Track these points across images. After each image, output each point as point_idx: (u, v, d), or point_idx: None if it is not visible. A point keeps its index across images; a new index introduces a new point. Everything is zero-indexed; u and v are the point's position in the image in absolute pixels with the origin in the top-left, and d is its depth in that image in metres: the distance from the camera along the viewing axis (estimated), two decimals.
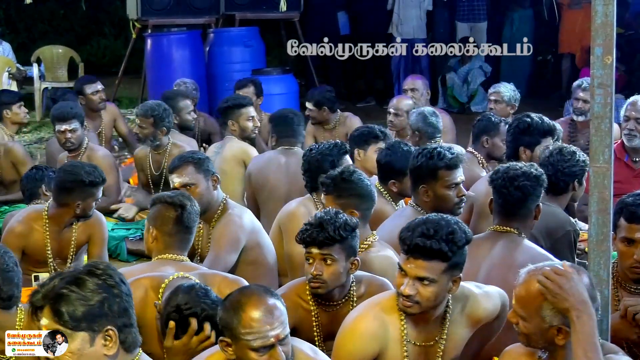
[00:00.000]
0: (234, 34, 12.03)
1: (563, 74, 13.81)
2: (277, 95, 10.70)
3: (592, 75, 3.56)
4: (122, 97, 14.01)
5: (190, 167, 5.46)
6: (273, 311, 3.34)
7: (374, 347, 3.84)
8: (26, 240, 5.77)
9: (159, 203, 4.65)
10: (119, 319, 3.05)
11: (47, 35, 17.41)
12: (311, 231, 4.16)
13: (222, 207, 5.45)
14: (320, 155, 5.72)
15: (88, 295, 3.01)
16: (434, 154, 5.10)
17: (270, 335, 3.31)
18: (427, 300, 3.75)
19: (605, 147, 3.55)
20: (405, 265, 3.76)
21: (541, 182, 4.77)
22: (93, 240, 5.91)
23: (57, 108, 7.71)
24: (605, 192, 3.56)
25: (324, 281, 4.17)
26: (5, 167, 8.02)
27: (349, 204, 4.85)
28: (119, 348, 3.06)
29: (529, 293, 3.32)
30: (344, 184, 4.92)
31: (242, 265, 5.23)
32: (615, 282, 4.37)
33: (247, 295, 3.40)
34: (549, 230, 5.12)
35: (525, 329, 3.36)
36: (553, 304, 3.26)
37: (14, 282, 3.96)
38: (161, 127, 7.50)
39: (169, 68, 11.42)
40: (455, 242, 3.74)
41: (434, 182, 5.11)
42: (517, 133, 6.14)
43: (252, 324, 3.31)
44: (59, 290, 3.01)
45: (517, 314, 3.36)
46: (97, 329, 3.02)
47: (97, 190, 5.75)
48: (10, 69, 13.20)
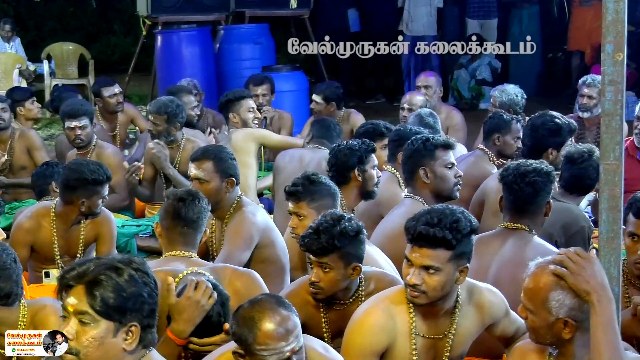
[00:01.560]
0: (244, 31, 12.03)
1: (573, 71, 13.79)
2: (288, 92, 10.68)
3: (603, 73, 3.54)
4: (132, 94, 14.03)
5: (209, 164, 5.40)
6: (287, 325, 3.31)
7: (382, 341, 3.84)
8: (34, 236, 5.78)
9: (169, 199, 4.67)
10: (146, 318, 3.04)
11: (57, 33, 17.44)
12: (308, 239, 4.15)
13: (236, 204, 5.38)
14: (349, 151, 5.62)
15: (125, 286, 2.99)
16: (428, 137, 5.29)
17: (286, 350, 3.29)
18: (434, 290, 3.75)
19: (616, 144, 3.54)
20: (411, 255, 3.77)
21: (552, 179, 4.79)
22: (101, 238, 5.91)
23: (68, 104, 7.71)
24: (616, 189, 3.55)
25: (321, 288, 4.17)
26: (17, 151, 8.05)
27: (324, 205, 4.84)
28: (137, 345, 3.04)
29: (536, 285, 3.31)
30: (314, 187, 4.91)
31: (255, 263, 5.18)
32: (626, 279, 4.37)
33: (261, 310, 3.33)
34: (564, 226, 5.14)
35: (533, 323, 3.35)
36: (573, 286, 3.23)
37: (12, 278, 3.92)
38: (175, 123, 7.48)
39: (179, 65, 11.41)
40: (460, 230, 3.74)
41: (432, 162, 5.20)
42: (548, 135, 6.08)
43: (268, 341, 3.27)
44: (97, 273, 2.98)
45: (525, 307, 3.36)
46: (123, 322, 2.99)
47: (101, 188, 5.74)
48: (20, 65, 13.24)
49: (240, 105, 7.61)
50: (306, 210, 4.88)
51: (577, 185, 5.50)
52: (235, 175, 5.41)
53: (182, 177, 7.01)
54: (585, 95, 8.05)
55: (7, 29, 13.93)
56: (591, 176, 5.43)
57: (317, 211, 4.76)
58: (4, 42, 13.88)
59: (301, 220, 4.90)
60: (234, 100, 7.68)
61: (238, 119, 7.58)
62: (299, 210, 4.91)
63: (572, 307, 3.27)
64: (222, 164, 5.41)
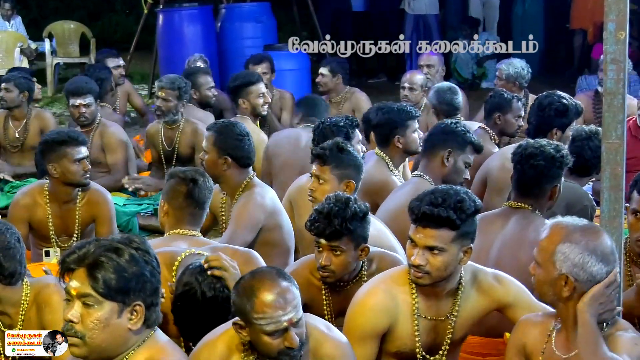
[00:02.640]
0: (246, 10, 12.02)
1: (575, 50, 13.76)
2: (289, 71, 10.68)
3: (605, 51, 3.54)
4: (133, 72, 14.01)
5: (212, 136, 5.42)
6: (286, 295, 3.33)
7: (384, 322, 3.84)
8: (30, 213, 5.77)
9: (172, 178, 4.66)
10: (149, 297, 3.04)
11: (58, 11, 17.40)
12: (319, 223, 4.13)
13: (246, 184, 5.36)
14: (334, 127, 5.69)
15: (126, 266, 2.99)
16: (468, 131, 5.40)
17: (283, 320, 3.31)
18: (438, 270, 3.75)
19: (618, 123, 3.54)
20: (415, 235, 3.76)
21: (557, 164, 4.71)
22: (99, 219, 5.86)
23: (72, 82, 7.75)
24: (618, 168, 3.55)
25: (332, 271, 4.17)
26: (32, 132, 8.07)
27: (347, 174, 4.86)
28: (142, 324, 3.05)
29: (548, 237, 3.37)
30: (342, 155, 4.91)
31: (259, 245, 5.16)
32: (628, 258, 4.38)
33: (260, 279, 3.37)
34: (567, 205, 5.12)
35: (539, 276, 3.39)
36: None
37: (16, 258, 3.92)
38: (183, 100, 7.57)
39: (181, 44, 11.41)
40: (464, 210, 3.73)
41: (459, 153, 5.32)
42: (554, 115, 6.06)
43: (265, 309, 3.30)
44: (98, 256, 2.99)
45: (535, 260, 3.41)
46: (127, 302, 3.00)
47: (68, 149, 5.65)
48: (22, 44, 13.22)
49: (250, 91, 7.53)
50: (328, 175, 4.89)
51: (575, 164, 5.46)
52: (235, 155, 5.35)
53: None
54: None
55: (7, 7, 13.90)
56: (585, 155, 5.41)
57: (339, 179, 4.80)
58: (5, 21, 13.86)
59: (321, 184, 4.91)
60: (243, 86, 7.59)
61: (247, 104, 7.52)
62: (322, 174, 4.92)
63: (575, 263, 3.30)
64: (222, 139, 5.39)
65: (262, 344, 3.36)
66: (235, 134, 5.41)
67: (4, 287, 3.95)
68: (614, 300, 3.38)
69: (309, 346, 3.50)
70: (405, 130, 5.88)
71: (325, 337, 3.54)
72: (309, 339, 3.49)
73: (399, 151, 5.89)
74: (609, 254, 3.34)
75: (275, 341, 3.33)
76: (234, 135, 5.40)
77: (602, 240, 3.35)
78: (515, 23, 14.03)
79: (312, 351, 3.51)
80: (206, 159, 5.39)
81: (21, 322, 3.96)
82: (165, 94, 7.50)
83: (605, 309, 3.35)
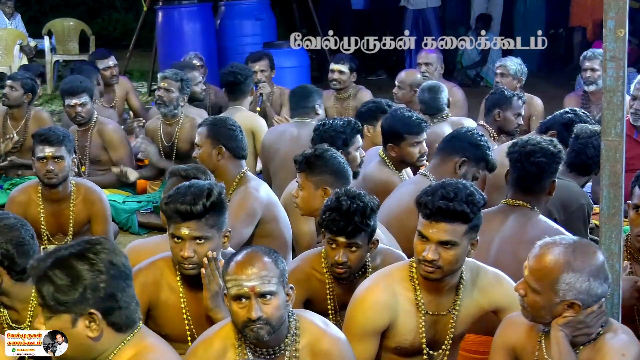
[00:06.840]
0: (245, 7, 12.01)
1: (575, 47, 13.76)
2: (289, 68, 10.68)
3: (605, 49, 3.54)
4: (133, 70, 14.01)
5: (204, 129, 5.53)
6: (257, 264, 3.41)
7: (384, 318, 3.85)
8: (24, 209, 5.77)
9: (173, 176, 4.68)
10: (104, 303, 2.98)
11: (58, 9, 17.40)
12: (338, 221, 4.11)
13: (240, 179, 5.41)
14: (333, 132, 5.65)
15: (68, 282, 2.95)
16: (485, 145, 5.32)
17: (245, 285, 3.38)
18: (450, 264, 3.75)
19: (617, 120, 3.54)
20: (427, 231, 3.75)
21: (557, 159, 4.74)
22: (94, 217, 5.87)
23: (67, 82, 7.71)
24: (617, 165, 3.55)
25: (349, 267, 4.17)
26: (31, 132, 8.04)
27: (322, 180, 4.83)
28: (104, 330, 2.99)
29: (545, 266, 3.32)
30: (317, 161, 4.88)
31: (258, 239, 5.21)
32: (628, 254, 4.38)
33: (247, 249, 3.52)
34: (563, 203, 5.12)
35: (534, 303, 3.36)
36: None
37: (29, 254, 3.93)
38: (184, 94, 7.61)
39: (180, 41, 11.41)
40: (475, 204, 3.76)
41: (472, 164, 5.27)
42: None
43: (233, 271, 3.42)
44: (44, 270, 2.98)
45: (530, 286, 3.35)
46: (78, 312, 2.97)
47: (36, 146, 5.72)
48: (21, 41, 13.22)
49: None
50: (304, 182, 4.89)
51: (577, 163, 5.47)
52: (228, 145, 5.42)
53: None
54: (587, 69, 8.11)
55: (10, 4, 13.89)
56: (588, 153, 5.41)
57: (315, 185, 4.80)
58: (5, 18, 13.84)
59: (301, 191, 4.91)
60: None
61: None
62: (300, 180, 4.93)
63: (581, 290, 3.29)
64: (215, 130, 5.46)
65: (232, 313, 3.44)
66: (228, 124, 5.52)
67: (14, 282, 3.96)
68: (593, 327, 3.36)
69: (306, 341, 3.53)
70: (401, 142, 5.80)
71: (323, 333, 3.56)
72: (304, 334, 3.53)
73: (394, 158, 5.87)
74: (607, 269, 3.36)
75: (241, 310, 3.39)
76: (227, 125, 5.51)
77: (598, 258, 3.34)
78: (517, 20, 14.02)
79: (310, 347, 3.53)
80: (200, 153, 5.46)
81: (29, 319, 3.98)
82: (168, 84, 7.54)
83: (581, 332, 3.35)
